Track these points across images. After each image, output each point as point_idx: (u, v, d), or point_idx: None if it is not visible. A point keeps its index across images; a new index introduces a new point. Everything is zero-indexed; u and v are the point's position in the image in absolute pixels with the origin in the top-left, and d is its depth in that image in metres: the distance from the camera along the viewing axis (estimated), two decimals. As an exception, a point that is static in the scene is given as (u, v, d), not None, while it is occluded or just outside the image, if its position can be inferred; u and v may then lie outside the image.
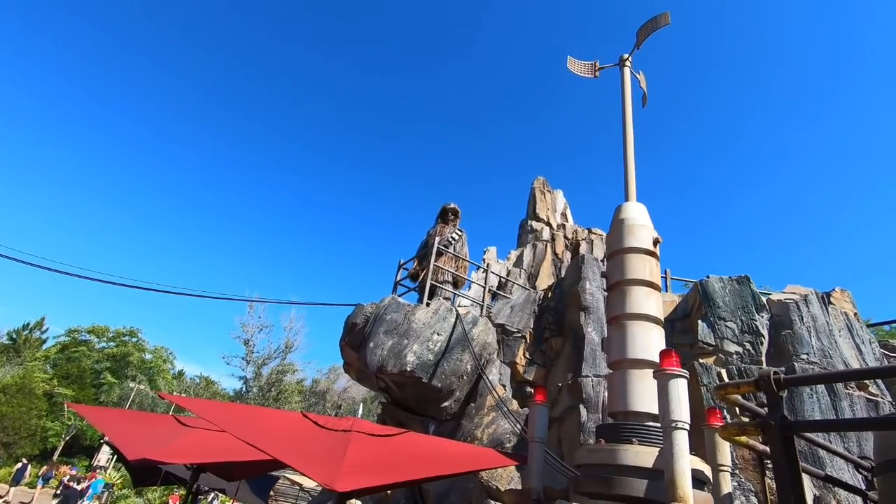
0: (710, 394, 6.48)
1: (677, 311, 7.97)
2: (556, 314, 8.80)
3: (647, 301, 4.62)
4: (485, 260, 12.33)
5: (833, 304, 7.85)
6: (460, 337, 8.13)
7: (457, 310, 8.57)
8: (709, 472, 3.89)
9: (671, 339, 7.31)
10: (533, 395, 7.60)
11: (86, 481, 21.52)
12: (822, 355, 6.77)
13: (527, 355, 8.56)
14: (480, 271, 11.14)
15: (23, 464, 23.87)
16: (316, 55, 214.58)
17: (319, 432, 4.13)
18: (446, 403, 8.02)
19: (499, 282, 11.92)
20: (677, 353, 3.59)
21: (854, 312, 7.99)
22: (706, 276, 7.84)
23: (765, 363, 6.83)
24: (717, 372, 6.69)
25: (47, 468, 23.87)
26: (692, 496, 3.16)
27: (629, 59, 6.52)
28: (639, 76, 6.69)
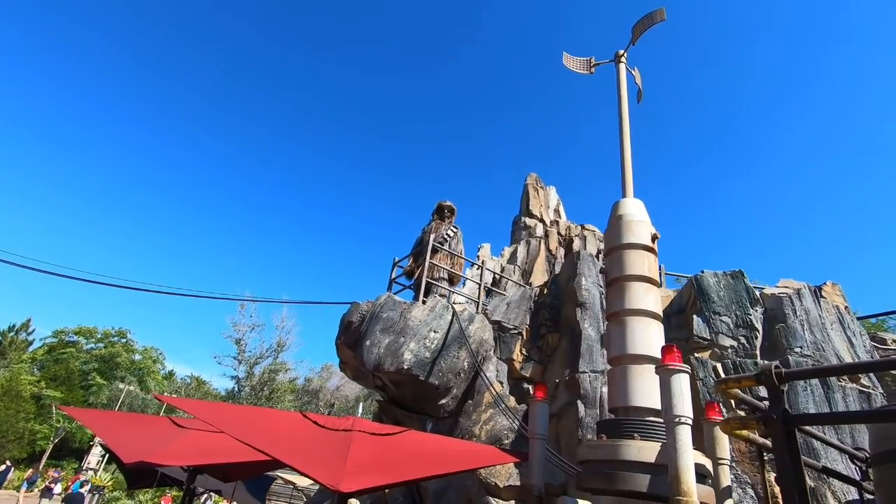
0: (707, 388, 6.54)
1: (672, 306, 8.03)
2: (552, 310, 8.82)
3: (646, 297, 4.63)
4: (479, 257, 12.32)
5: (824, 298, 7.95)
6: (457, 334, 8.12)
7: (453, 307, 8.55)
8: (710, 465, 3.91)
9: (667, 334, 7.32)
10: (531, 391, 7.62)
11: (59, 481, 21.16)
12: (815, 348, 6.86)
13: (523, 352, 8.57)
14: (475, 268, 11.13)
15: (6, 466, 23.48)
16: (309, 54, 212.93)
17: (320, 432, 4.09)
18: (444, 401, 8.01)
19: (493, 279, 11.92)
20: (679, 349, 3.60)
21: (845, 306, 8.10)
22: (700, 271, 7.90)
23: (759, 357, 6.91)
24: (713, 366, 6.75)
25: (32, 471, 23.49)
26: (696, 491, 3.17)
27: (625, 56, 6.52)
28: (634, 72, 6.69)
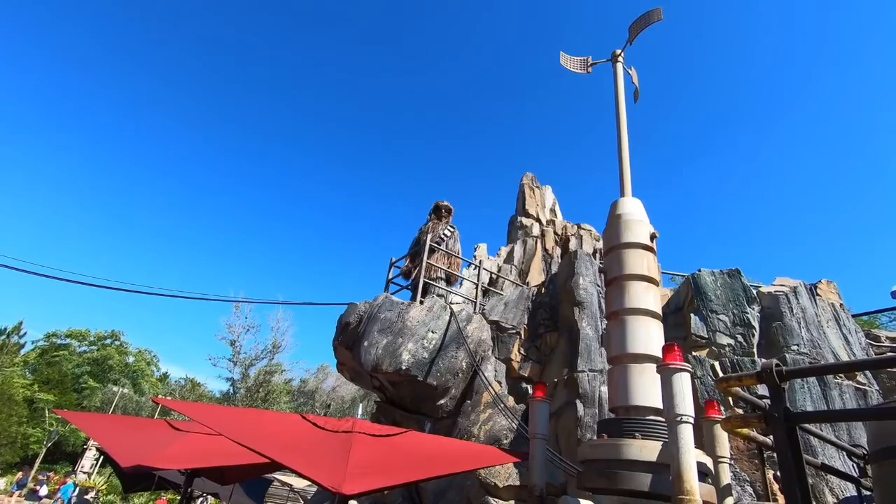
0: (705, 386, 6.56)
1: (669, 305, 8.06)
2: (550, 310, 8.83)
3: (645, 296, 4.64)
4: (476, 257, 12.32)
5: (820, 296, 8.00)
6: (455, 334, 8.11)
7: (451, 307, 8.54)
8: (710, 464, 3.92)
9: (664, 333, 7.38)
10: (530, 391, 7.60)
11: (45, 484, 20.87)
12: (812, 346, 6.90)
13: (522, 351, 8.58)
14: (472, 268, 11.13)
15: None
16: (304, 53, 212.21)
17: (320, 434, 4.07)
18: (442, 401, 7.99)
19: (490, 278, 11.92)
20: (680, 348, 3.61)
21: (840, 303, 8.15)
22: (697, 269, 7.93)
23: (756, 355, 6.94)
24: (711, 364, 6.77)
25: (22, 474, 23.19)
26: (698, 489, 3.17)
27: (622, 55, 6.53)
28: (631, 72, 6.71)
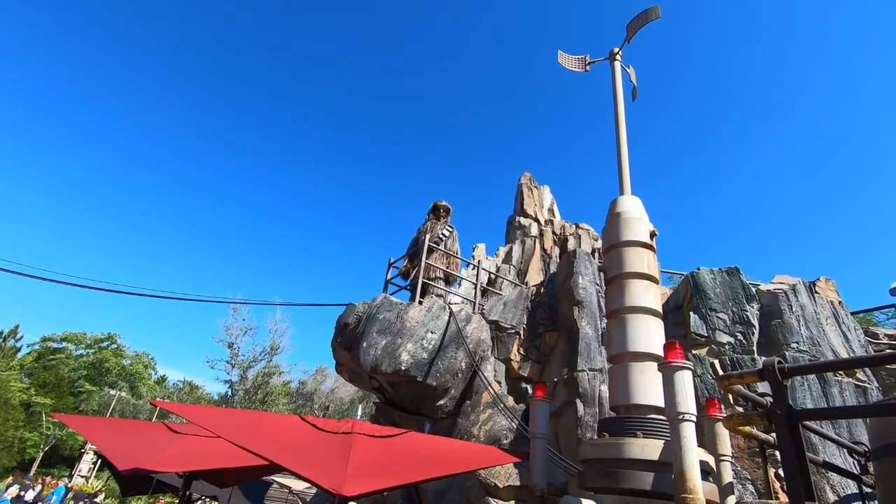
0: (706, 385, 6.55)
1: (669, 304, 8.05)
2: (549, 309, 8.81)
3: (646, 294, 4.63)
4: (475, 257, 12.30)
5: (818, 294, 8.01)
6: (454, 335, 8.08)
7: (450, 307, 8.52)
8: (712, 462, 3.90)
9: (664, 331, 7.39)
10: (531, 391, 7.58)
11: (31, 488, 20.63)
12: (812, 344, 6.90)
13: (521, 351, 8.56)
14: (471, 268, 11.10)
15: None
16: (302, 55, 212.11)
17: (320, 435, 4.03)
18: (441, 402, 7.97)
19: (489, 278, 11.90)
20: (681, 345, 3.59)
21: (839, 301, 8.16)
22: (696, 268, 7.93)
23: (756, 353, 6.94)
24: (711, 363, 6.76)
25: (13, 478, 22.97)
26: (701, 488, 3.15)
27: (619, 54, 6.53)
28: (629, 70, 6.70)
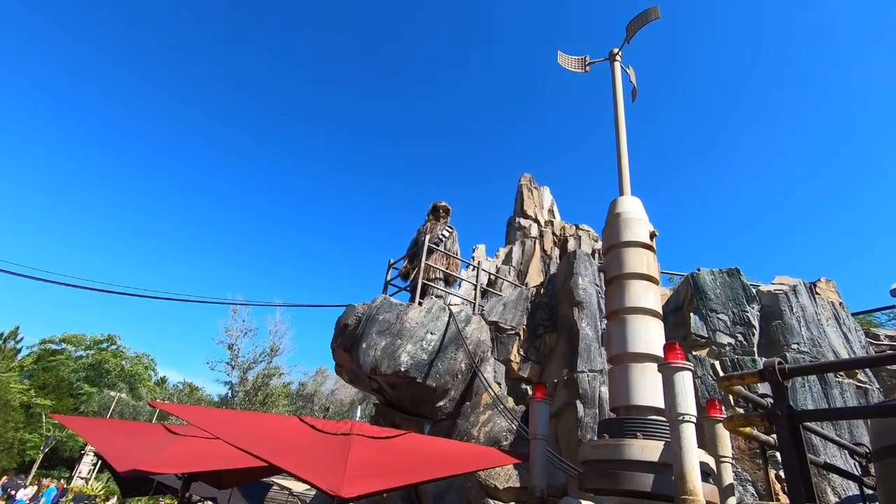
0: (706, 386, 6.54)
1: (669, 305, 8.03)
2: (549, 310, 8.80)
3: (646, 294, 4.62)
4: (474, 258, 12.29)
5: (819, 294, 7.99)
6: (454, 335, 8.07)
7: (450, 308, 8.50)
8: (713, 463, 3.89)
9: (664, 332, 7.38)
10: (530, 392, 7.56)
11: (22, 488, 20.57)
12: (812, 345, 6.88)
13: (521, 352, 8.54)
14: (471, 269, 11.09)
15: None
16: (303, 56, 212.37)
17: (318, 436, 4.02)
18: (441, 403, 7.95)
19: (489, 279, 11.88)
20: (681, 346, 3.58)
21: (839, 302, 8.14)
22: (696, 268, 7.92)
23: (757, 354, 6.92)
24: (711, 364, 6.75)
25: (7, 478, 22.88)
26: (701, 489, 3.14)
27: (619, 54, 6.52)
28: (629, 71, 6.70)
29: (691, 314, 7.45)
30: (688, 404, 3.32)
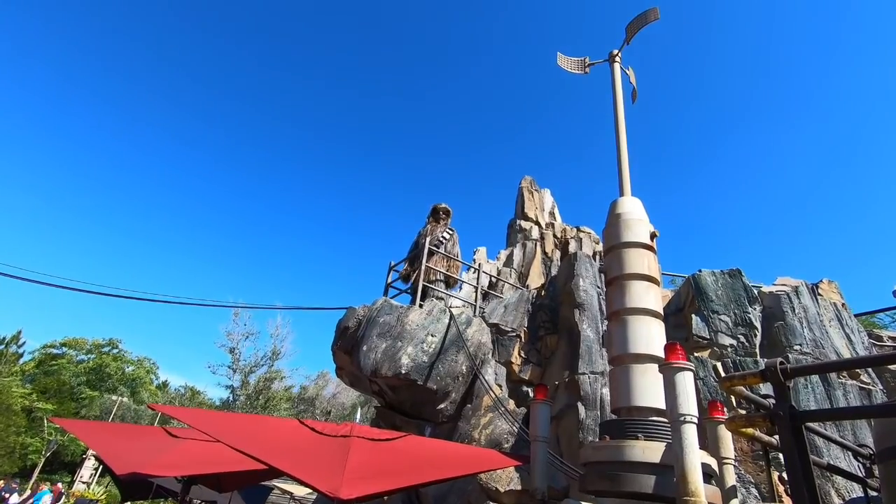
0: (708, 387, 6.50)
1: (670, 306, 8.00)
2: (550, 312, 8.77)
3: (646, 295, 4.60)
4: (475, 260, 12.27)
5: (821, 295, 7.96)
6: (455, 338, 8.04)
7: (450, 310, 8.48)
8: (715, 465, 3.86)
9: (665, 333, 7.35)
10: (531, 394, 7.53)
11: (15, 491, 20.53)
12: (815, 346, 6.85)
13: (522, 354, 8.51)
14: (472, 271, 11.08)
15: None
16: (304, 59, 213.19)
17: (318, 439, 4.01)
18: (442, 405, 7.92)
19: (490, 282, 11.86)
20: (682, 346, 3.56)
21: (842, 303, 8.11)
22: (698, 270, 7.89)
23: (759, 355, 6.88)
24: (713, 365, 6.72)
25: (4, 482, 22.84)
26: (703, 490, 3.11)
27: (619, 55, 6.52)
28: (628, 72, 6.70)
29: (693, 315, 7.43)
30: (689, 405, 3.30)
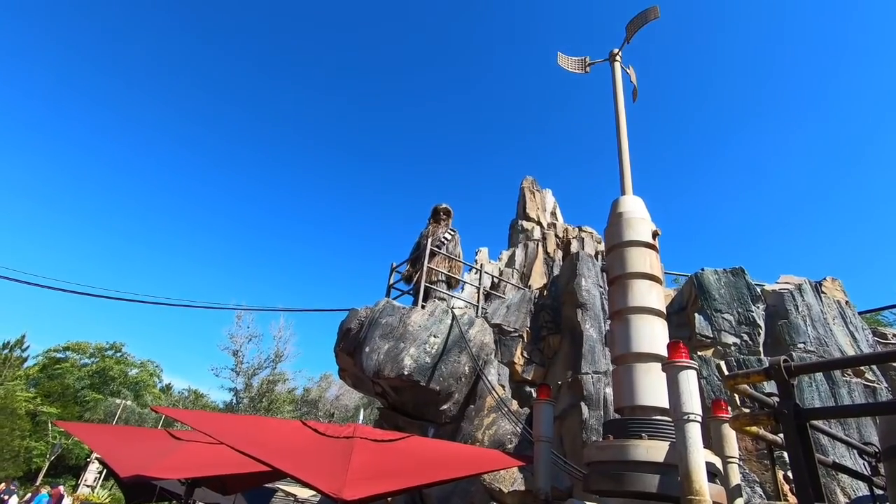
0: (711, 386, 6.48)
1: (673, 305, 7.98)
2: (552, 312, 8.76)
3: (649, 294, 4.59)
4: (477, 261, 12.26)
5: (825, 293, 7.92)
6: (457, 338, 8.04)
7: (453, 311, 8.47)
8: (719, 464, 3.85)
9: (668, 333, 7.33)
10: (534, 394, 7.51)
11: (14, 493, 20.55)
12: (819, 344, 6.81)
13: (525, 354, 8.50)
14: (474, 272, 11.07)
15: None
16: (305, 61, 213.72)
17: (321, 440, 4.01)
18: (445, 406, 7.91)
19: (492, 282, 11.85)
20: (685, 345, 3.54)
21: (846, 300, 8.07)
22: (700, 268, 7.87)
23: (762, 354, 6.86)
24: (716, 364, 6.69)
25: (4, 485, 22.86)
26: (708, 490, 3.10)
27: (619, 54, 6.52)
28: (629, 71, 6.69)
29: (696, 314, 7.40)
30: (693, 403, 3.29)
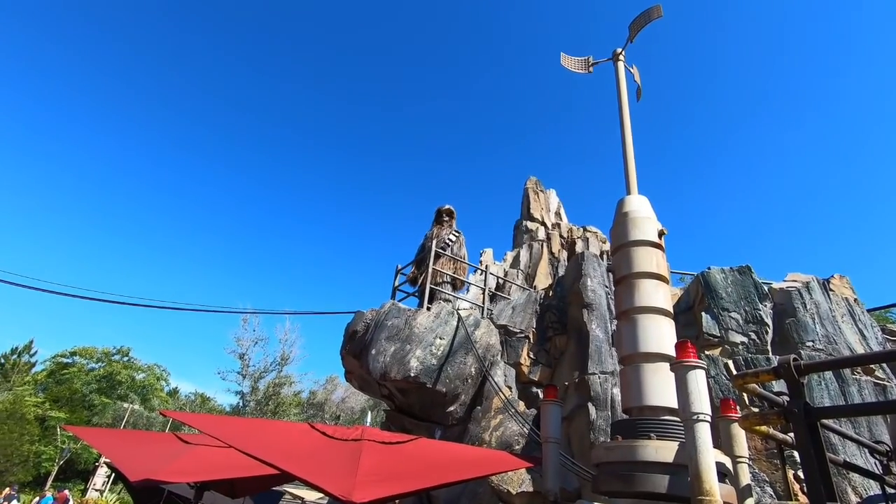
0: (719, 386, 6.44)
1: (679, 304, 7.94)
2: (558, 313, 8.74)
3: (656, 293, 4.57)
4: (482, 262, 12.26)
5: (833, 291, 7.87)
6: (463, 340, 8.03)
7: (458, 313, 8.47)
8: (729, 464, 3.83)
9: (675, 332, 7.29)
10: (541, 395, 7.49)
11: (15, 498, 20.65)
12: (827, 342, 6.77)
13: (531, 355, 8.48)
14: (479, 273, 11.06)
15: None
16: (306, 64, 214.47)
17: (329, 443, 4.01)
18: (452, 408, 7.90)
19: (497, 283, 11.84)
20: (693, 344, 3.53)
21: (854, 298, 8.01)
22: (707, 267, 7.83)
23: (770, 352, 6.81)
24: (724, 363, 6.65)
25: (8, 490, 22.99)
26: (718, 490, 3.08)
27: (622, 54, 6.51)
28: (633, 70, 6.68)
29: (703, 313, 7.37)
30: (702, 403, 3.27)
